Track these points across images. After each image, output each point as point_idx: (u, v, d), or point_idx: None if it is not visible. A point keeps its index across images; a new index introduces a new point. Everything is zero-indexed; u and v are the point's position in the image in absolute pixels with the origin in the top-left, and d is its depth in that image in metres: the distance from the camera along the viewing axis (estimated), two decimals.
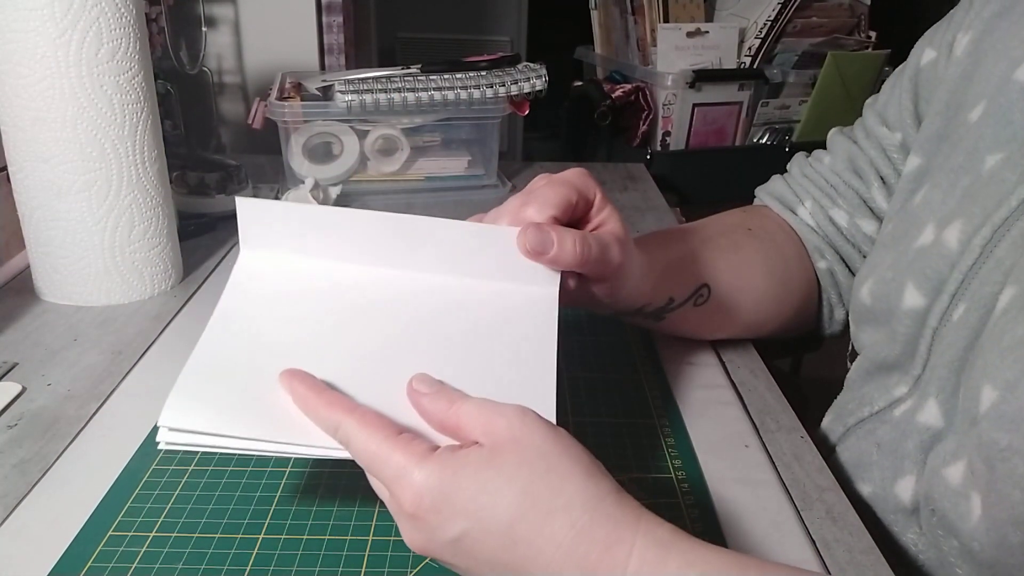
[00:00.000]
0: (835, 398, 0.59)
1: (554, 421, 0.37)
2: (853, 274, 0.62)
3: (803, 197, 0.64)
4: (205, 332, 0.41)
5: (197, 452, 0.48)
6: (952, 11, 0.56)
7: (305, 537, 0.42)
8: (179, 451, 0.36)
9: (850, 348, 0.58)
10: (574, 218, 0.46)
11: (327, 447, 0.37)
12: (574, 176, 0.46)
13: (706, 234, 0.61)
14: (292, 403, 0.38)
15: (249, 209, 0.44)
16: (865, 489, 0.51)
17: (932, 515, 0.43)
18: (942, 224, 0.48)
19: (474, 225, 0.45)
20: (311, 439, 0.37)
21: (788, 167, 0.68)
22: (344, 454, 0.37)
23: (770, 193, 0.67)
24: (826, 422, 0.57)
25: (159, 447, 0.37)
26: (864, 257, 0.61)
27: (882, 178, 0.60)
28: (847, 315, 0.64)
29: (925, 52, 0.57)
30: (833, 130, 0.66)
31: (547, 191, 0.45)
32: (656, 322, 0.57)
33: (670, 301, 0.55)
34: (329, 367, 0.39)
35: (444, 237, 0.44)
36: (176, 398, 0.37)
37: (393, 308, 0.43)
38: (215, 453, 0.48)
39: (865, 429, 0.52)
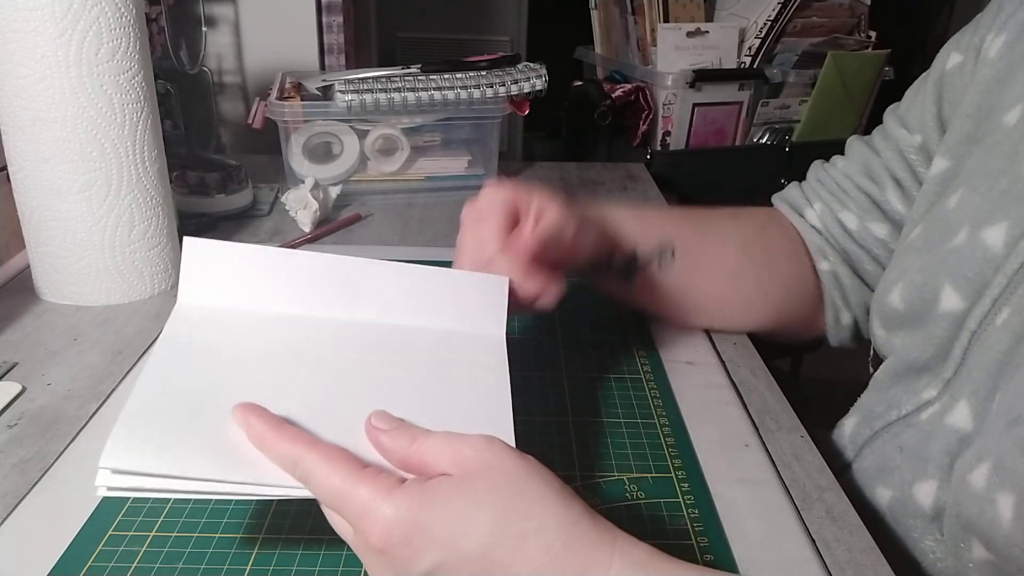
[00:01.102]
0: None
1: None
2: (859, 276, 0.62)
3: (813, 200, 0.65)
4: (144, 373, 0.39)
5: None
6: (978, 16, 0.55)
7: (305, 537, 0.42)
8: (121, 496, 0.34)
9: (872, 352, 0.58)
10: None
11: (284, 486, 0.35)
12: (496, 202, 0.49)
13: (680, 210, 0.65)
14: (244, 440, 0.36)
15: (195, 249, 0.44)
16: (885, 494, 0.50)
17: (956, 522, 0.43)
18: (978, 226, 0.47)
19: (421, 268, 0.46)
20: (267, 477, 0.35)
21: (807, 173, 0.68)
22: (303, 493, 0.35)
23: (782, 198, 0.68)
24: (851, 425, 0.56)
25: (98, 493, 0.34)
26: (874, 259, 0.61)
27: (897, 180, 0.59)
28: (855, 322, 0.64)
29: (951, 56, 0.57)
30: (852, 136, 0.66)
31: (484, 230, 0.48)
32: (627, 281, 0.58)
33: (634, 254, 0.57)
34: (282, 405, 0.38)
35: (391, 281, 0.45)
36: (118, 439, 0.34)
37: (342, 351, 0.43)
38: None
39: (891, 432, 0.51)
